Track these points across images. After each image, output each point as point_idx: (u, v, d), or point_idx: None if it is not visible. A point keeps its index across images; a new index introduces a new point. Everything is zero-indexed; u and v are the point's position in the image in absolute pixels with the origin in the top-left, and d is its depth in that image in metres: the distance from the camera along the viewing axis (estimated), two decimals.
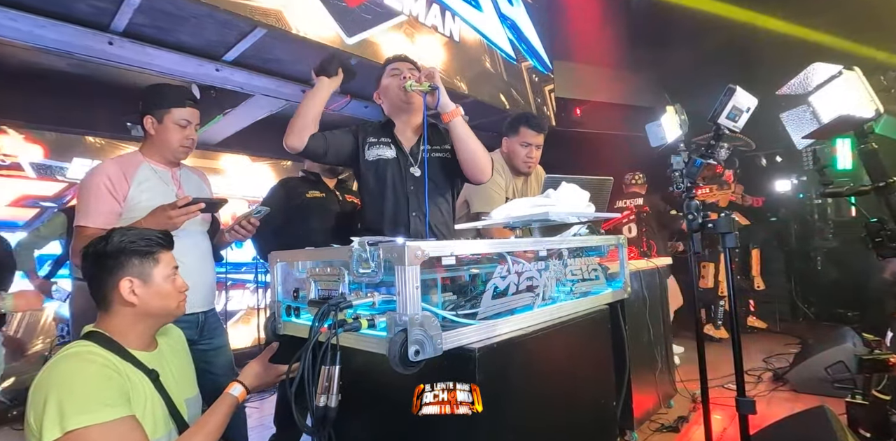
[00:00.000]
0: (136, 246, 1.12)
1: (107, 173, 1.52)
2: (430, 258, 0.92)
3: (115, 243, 1.11)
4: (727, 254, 1.22)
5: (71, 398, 0.93)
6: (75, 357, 1.02)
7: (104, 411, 0.94)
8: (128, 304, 1.10)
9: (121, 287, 1.09)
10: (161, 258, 1.16)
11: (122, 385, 1.02)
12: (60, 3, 2.14)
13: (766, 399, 2.87)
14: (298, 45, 2.61)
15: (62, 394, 0.93)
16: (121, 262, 1.11)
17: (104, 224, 1.46)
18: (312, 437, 0.89)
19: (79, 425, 0.90)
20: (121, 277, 1.10)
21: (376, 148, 1.70)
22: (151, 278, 1.13)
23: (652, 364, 2.56)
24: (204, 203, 1.42)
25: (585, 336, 1.30)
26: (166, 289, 1.15)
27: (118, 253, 1.11)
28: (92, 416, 0.92)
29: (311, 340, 0.90)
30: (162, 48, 2.52)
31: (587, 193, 1.33)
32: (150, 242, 1.15)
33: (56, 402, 0.92)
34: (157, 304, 1.14)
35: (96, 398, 0.95)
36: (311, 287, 1.13)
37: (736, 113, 1.20)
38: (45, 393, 0.94)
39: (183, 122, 1.62)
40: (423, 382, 0.93)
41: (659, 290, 2.74)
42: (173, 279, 1.18)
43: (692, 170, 1.25)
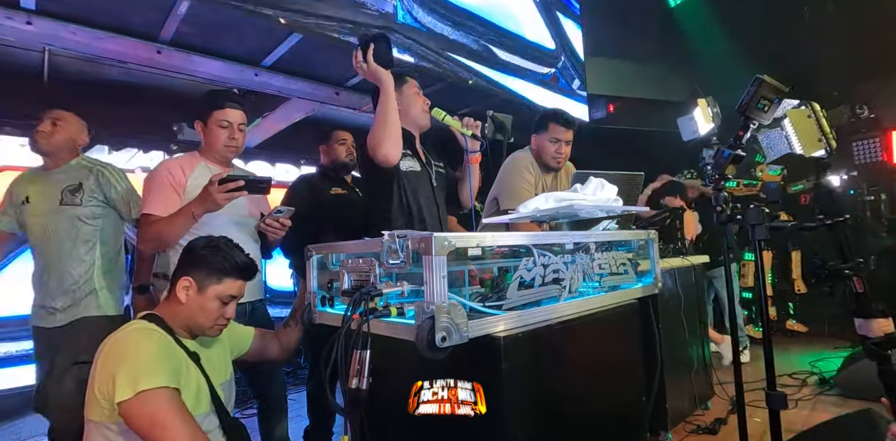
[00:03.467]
0: (215, 260, 1.23)
1: (168, 168, 1.67)
2: (461, 252, 0.95)
3: (205, 248, 1.24)
4: (757, 246, 1.19)
5: (141, 364, 1.06)
6: (140, 332, 1.16)
7: (167, 378, 1.07)
8: (179, 299, 1.22)
9: (180, 282, 1.22)
10: (226, 282, 1.24)
11: (177, 362, 1.15)
12: (116, 17, 2.31)
13: (811, 403, 2.76)
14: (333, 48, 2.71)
15: (133, 361, 1.06)
16: (195, 264, 1.23)
17: (164, 212, 1.59)
18: (345, 418, 0.94)
19: (148, 386, 1.03)
20: (186, 274, 1.22)
21: (407, 159, 1.77)
22: (206, 291, 1.22)
23: (687, 364, 2.50)
24: (243, 180, 1.46)
25: (614, 330, 1.30)
26: (211, 306, 1.23)
27: (199, 256, 1.24)
28: (158, 379, 1.05)
29: (344, 326, 0.95)
30: (205, 56, 2.67)
31: (615, 188, 1.33)
32: (227, 265, 1.24)
33: (128, 367, 1.05)
34: (195, 315, 1.23)
35: (162, 367, 1.08)
36: (344, 278, 1.18)
37: (765, 103, 1.17)
38: (115, 361, 1.07)
39: (224, 123, 1.72)
40: (451, 370, 0.95)
41: (695, 289, 2.67)
42: (224, 304, 1.25)
43: (720, 161, 1.22)
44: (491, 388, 0.96)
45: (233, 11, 2.26)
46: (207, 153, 1.77)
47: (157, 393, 1.04)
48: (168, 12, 2.28)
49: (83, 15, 2.26)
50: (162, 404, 1.04)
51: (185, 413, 1.07)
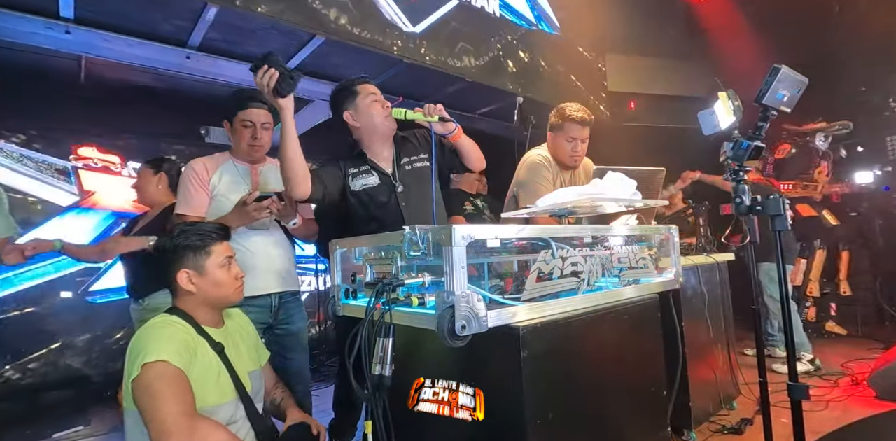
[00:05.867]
0: (191, 241, 1.29)
1: (194, 168, 1.77)
2: (480, 247, 0.97)
3: (173, 241, 1.29)
4: (777, 238, 1.17)
5: (149, 345, 1.13)
6: (157, 324, 1.22)
7: (169, 356, 1.12)
8: (188, 292, 1.28)
9: (179, 278, 1.27)
10: (213, 250, 1.31)
11: (188, 347, 1.19)
12: (149, 24, 2.41)
13: (842, 405, 2.68)
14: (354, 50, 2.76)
15: (144, 344, 1.13)
16: (178, 257, 1.28)
17: (195, 211, 1.72)
18: (368, 403, 0.97)
19: (149, 360, 1.09)
20: (178, 269, 1.27)
21: (360, 178, 1.78)
22: (205, 269, 1.29)
23: (712, 362, 2.46)
24: (275, 196, 1.58)
25: (633, 322, 1.30)
26: (220, 277, 1.30)
27: (175, 248, 1.28)
28: (160, 354, 1.11)
29: (367, 315, 0.98)
30: (232, 60, 2.76)
31: (634, 182, 1.33)
32: (203, 237, 1.30)
33: (138, 350, 1.12)
34: (214, 292, 1.30)
35: (166, 346, 1.14)
36: (366, 271, 1.22)
37: (784, 93, 1.15)
38: (132, 352, 1.14)
39: (248, 122, 1.80)
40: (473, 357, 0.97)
41: (719, 287, 2.63)
42: (228, 267, 1.33)
43: (739, 152, 1.21)
44: (510, 376, 0.98)
45: (257, 16, 2.34)
46: (235, 152, 1.86)
47: (156, 365, 1.09)
48: (197, 19, 2.37)
49: (118, 23, 2.37)
50: (158, 376, 1.09)
51: (182, 390, 1.11)
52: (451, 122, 1.67)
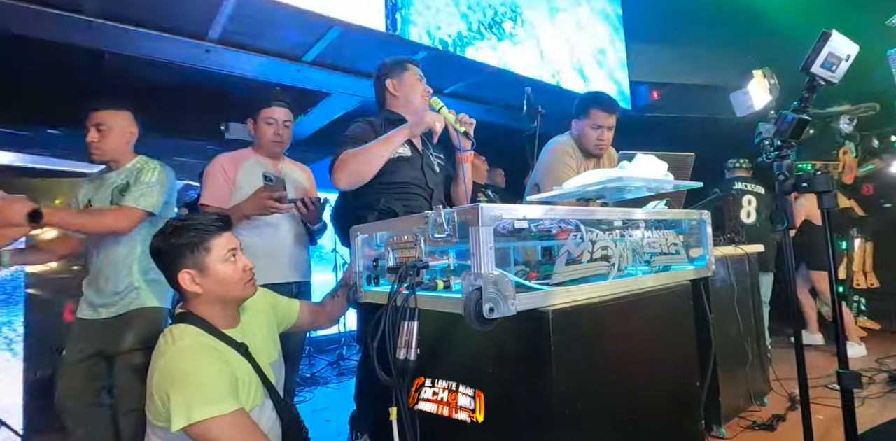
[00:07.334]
0: (187, 239, 1.15)
1: (221, 162, 1.86)
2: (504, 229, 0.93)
3: (168, 240, 1.15)
4: (826, 215, 1.10)
5: (194, 392, 1.02)
6: (190, 350, 1.10)
7: (223, 404, 1.03)
8: (194, 293, 1.17)
9: (181, 280, 1.15)
10: (213, 245, 1.17)
11: (231, 374, 1.10)
12: (170, 19, 2.42)
13: (879, 401, 2.57)
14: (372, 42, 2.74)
15: (186, 387, 1.02)
16: (175, 257, 1.15)
17: (217, 202, 1.78)
18: (392, 387, 0.94)
19: (203, 417, 1.00)
20: (179, 270, 1.15)
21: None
22: (207, 267, 1.15)
23: (742, 357, 2.38)
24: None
25: (666, 309, 1.25)
26: (226, 273, 1.17)
27: (171, 248, 1.15)
28: (213, 408, 1.01)
29: (391, 299, 0.95)
30: (250, 52, 2.76)
31: (665, 164, 1.28)
32: (199, 232, 1.16)
33: (182, 395, 1.01)
34: (221, 291, 1.17)
35: (216, 392, 1.04)
36: (389, 256, 1.19)
37: (833, 61, 1.07)
38: (168, 385, 1.03)
39: (270, 120, 1.88)
40: (498, 343, 0.93)
41: (749, 279, 2.54)
42: (233, 261, 1.19)
43: (783, 126, 1.13)
44: (539, 361, 0.94)
45: (274, 8, 2.33)
46: (258, 149, 1.94)
47: (216, 422, 1.01)
48: (216, 12, 2.37)
49: (139, 17, 2.38)
50: (222, 432, 1.01)
51: (248, 433, 1.04)
52: (471, 142, 1.69)
